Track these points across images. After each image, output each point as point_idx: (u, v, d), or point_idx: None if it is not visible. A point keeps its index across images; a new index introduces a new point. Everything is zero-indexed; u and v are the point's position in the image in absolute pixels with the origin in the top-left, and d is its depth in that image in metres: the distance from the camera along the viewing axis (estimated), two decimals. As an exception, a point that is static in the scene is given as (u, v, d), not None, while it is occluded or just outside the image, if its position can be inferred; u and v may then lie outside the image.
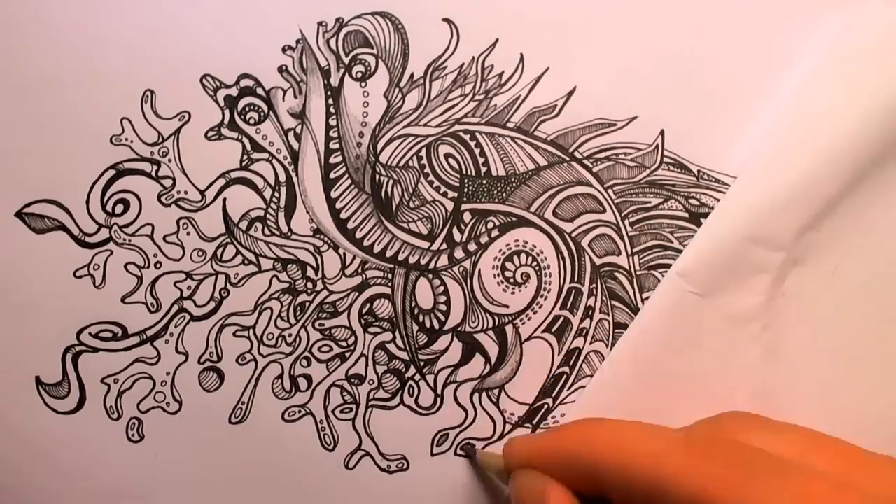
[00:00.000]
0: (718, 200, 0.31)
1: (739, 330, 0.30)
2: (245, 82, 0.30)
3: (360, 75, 0.30)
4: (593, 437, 0.24)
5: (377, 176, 0.30)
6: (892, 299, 0.30)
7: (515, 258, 0.31)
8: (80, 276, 0.29)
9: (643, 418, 0.25)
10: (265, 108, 0.30)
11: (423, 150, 0.30)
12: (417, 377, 0.31)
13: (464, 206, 0.31)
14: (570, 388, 0.31)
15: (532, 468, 0.26)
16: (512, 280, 0.31)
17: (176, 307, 0.30)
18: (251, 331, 0.30)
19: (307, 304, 0.30)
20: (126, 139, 0.29)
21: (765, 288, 0.30)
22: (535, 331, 0.31)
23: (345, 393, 0.31)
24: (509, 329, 0.31)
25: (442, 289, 0.31)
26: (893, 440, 0.29)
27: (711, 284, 0.30)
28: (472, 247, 0.31)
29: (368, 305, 0.31)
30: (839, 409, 0.30)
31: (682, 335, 0.30)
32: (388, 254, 0.31)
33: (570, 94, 0.31)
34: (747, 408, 0.27)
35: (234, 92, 0.30)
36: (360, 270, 0.30)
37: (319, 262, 0.30)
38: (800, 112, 0.30)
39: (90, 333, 0.29)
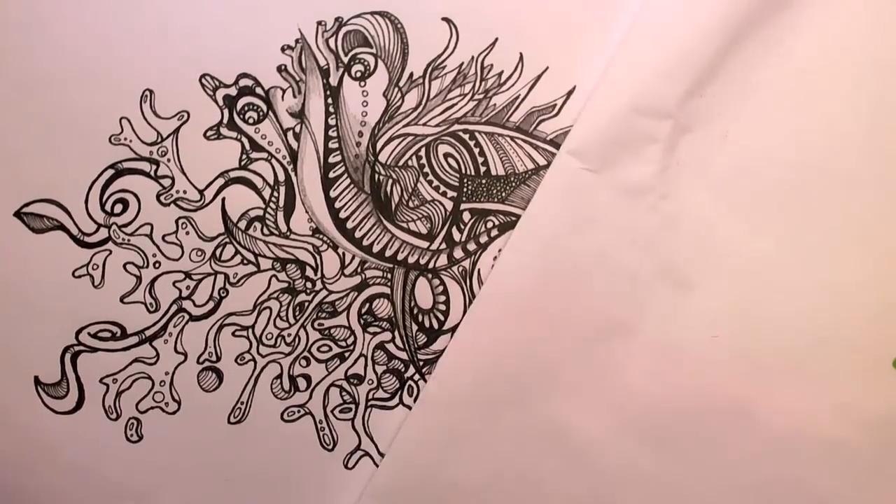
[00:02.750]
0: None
1: (637, 201, 0.30)
2: (244, 82, 0.30)
3: (359, 75, 0.30)
4: None
5: (376, 175, 0.30)
6: (785, 158, 0.30)
7: (515, 258, 0.31)
8: (79, 276, 0.29)
9: (552, 300, 0.25)
10: (264, 107, 0.30)
11: (423, 150, 0.30)
12: (417, 377, 0.31)
13: (463, 206, 0.31)
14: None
15: None
16: (511, 280, 0.31)
17: (175, 307, 0.30)
18: (250, 330, 0.30)
19: (306, 304, 0.30)
20: (125, 139, 0.29)
21: (657, 157, 0.30)
22: (535, 330, 0.31)
23: (344, 393, 0.31)
24: (509, 329, 0.31)
25: (441, 288, 0.31)
26: (794, 293, 0.30)
27: (603, 159, 0.30)
28: (471, 246, 0.31)
29: (368, 305, 0.31)
30: (744, 273, 0.30)
31: (580, 213, 0.30)
32: (388, 253, 0.31)
33: (570, 93, 0.31)
34: (656, 280, 0.27)
35: (233, 91, 0.30)
36: (359, 270, 0.30)
37: (318, 261, 0.30)
38: None
39: (89, 333, 0.29)
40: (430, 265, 0.31)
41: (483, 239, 0.31)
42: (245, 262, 0.30)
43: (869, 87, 0.30)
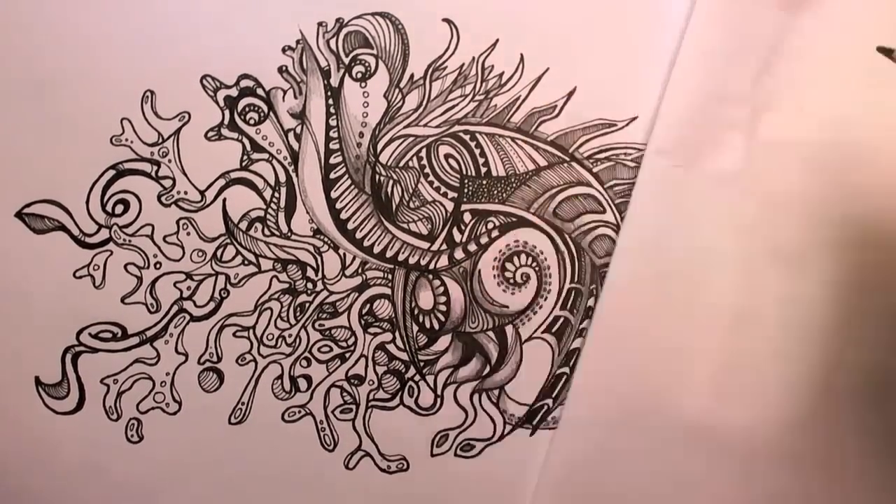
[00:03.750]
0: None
1: (730, 189, 0.30)
2: (245, 83, 0.30)
3: (360, 76, 0.30)
4: None
5: (377, 176, 0.30)
6: (861, 121, 0.30)
7: (515, 259, 0.31)
8: (80, 277, 0.29)
9: (671, 302, 0.25)
10: (265, 108, 0.30)
11: (423, 151, 0.30)
12: (417, 378, 0.31)
13: (464, 207, 0.31)
14: (570, 388, 0.31)
15: None
16: (512, 280, 0.31)
17: (176, 307, 0.30)
18: (251, 331, 0.30)
19: (307, 305, 0.30)
20: (126, 139, 0.29)
21: (740, 142, 0.30)
22: (536, 331, 0.31)
23: (345, 393, 0.31)
24: (509, 329, 0.31)
25: (442, 289, 0.31)
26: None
27: (689, 153, 0.30)
28: (472, 247, 0.31)
29: (368, 306, 0.31)
30: (847, 245, 0.30)
31: (679, 211, 0.30)
32: (388, 254, 0.31)
33: (571, 94, 0.31)
34: (767, 262, 0.28)
35: (234, 92, 0.30)
36: (360, 271, 0.30)
37: (319, 262, 0.30)
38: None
39: (90, 334, 0.29)
40: (431, 266, 0.31)
41: (484, 240, 0.31)
42: (246, 262, 0.30)
43: None
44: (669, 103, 0.30)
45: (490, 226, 0.31)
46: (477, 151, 0.31)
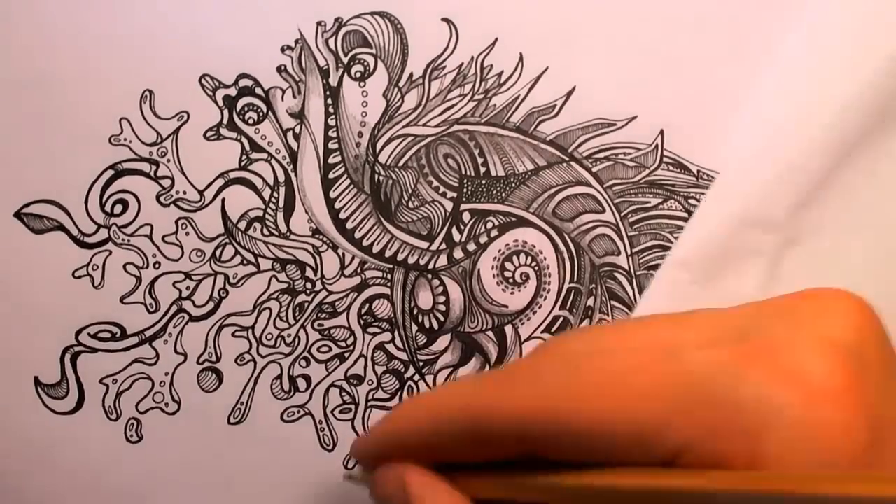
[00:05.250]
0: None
1: None
2: (244, 82, 0.30)
3: (358, 75, 0.30)
4: (416, 403, 0.23)
5: (376, 176, 0.30)
6: (891, 274, 0.30)
7: (515, 258, 0.31)
8: (79, 277, 0.29)
9: None
10: (264, 108, 0.30)
11: (423, 150, 0.30)
12: (417, 377, 0.31)
13: (463, 206, 0.31)
14: None
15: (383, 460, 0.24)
16: (511, 280, 0.31)
17: (175, 307, 0.30)
18: (250, 331, 0.30)
19: (306, 305, 0.30)
20: (125, 139, 0.29)
21: (761, 271, 0.29)
22: (535, 331, 0.31)
23: (344, 393, 0.31)
24: (509, 329, 0.31)
25: (441, 289, 0.31)
26: None
27: (708, 271, 0.29)
28: (471, 247, 0.31)
29: (367, 306, 0.31)
30: None
31: None
32: (388, 254, 0.31)
33: (570, 93, 0.31)
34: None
35: (232, 92, 0.30)
36: (359, 271, 0.30)
37: (318, 262, 0.30)
38: (786, 94, 0.30)
39: (89, 334, 0.29)
40: (430, 266, 0.31)
41: (483, 239, 0.31)
42: (245, 262, 0.30)
43: None
44: (702, 217, 0.30)
45: (489, 225, 0.31)
46: (476, 151, 0.31)
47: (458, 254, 0.31)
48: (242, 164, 0.30)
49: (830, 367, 0.17)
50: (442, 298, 0.31)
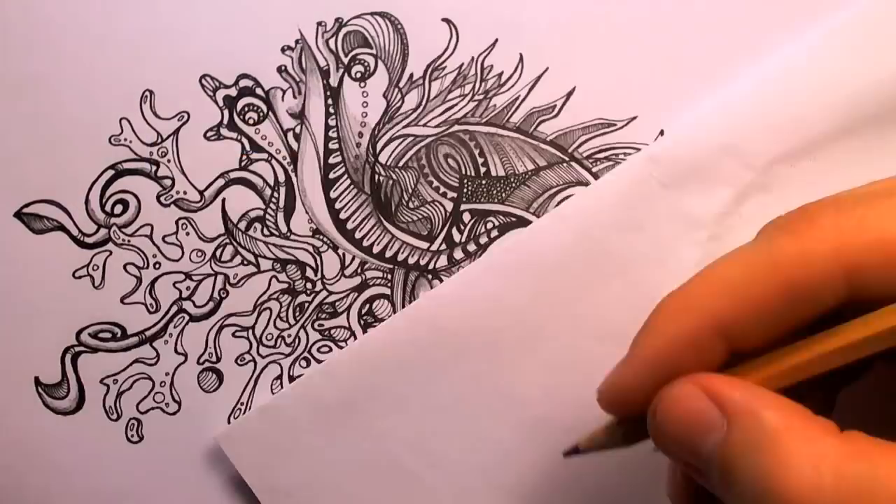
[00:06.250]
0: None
1: (687, 231, 0.30)
2: (244, 82, 0.30)
3: (359, 75, 0.30)
4: (685, 299, 0.20)
5: (376, 176, 0.30)
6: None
7: (515, 258, 0.31)
8: (80, 277, 0.29)
9: (564, 285, 0.25)
10: (264, 108, 0.30)
11: (423, 151, 0.30)
12: (417, 377, 0.31)
13: (463, 207, 0.31)
14: None
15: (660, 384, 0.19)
16: (511, 280, 0.31)
17: (175, 307, 0.30)
18: (250, 331, 0.30)
19: (306, 305, 0.30)
20: (125, 139, 0.29)
21: (725, 201, 0.30)
22: (535, 331, 0.31)
23: (344, 393, 0.31)
24: (509, 329, 0.31)
25: (441, 289, 0.31)
26: None
27: (676, 178, 0.30)
28: (471, 247, 0.31)
29: (368, 306, 0.31)
30: None
31: (632, 214, 0.30)
32: (388, 254, 0.31)
33: (570, 94, 0.31)
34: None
35: (233, 92, 0.30)
36: (359, 271, 0.30)
37: (319, 262, 0.30)
38: (810, 61, 0.30)
39: (89, 334, 0.29)
40: (431, 266, 0.31)
41: (483, 240, 0.31)
42: (245, 262, 0.30)
43: None
44: (688, 129, 0.30)
45: (489, 226, 0.31)
46: (476, 151, 0.31)
47: (458, 254, 0.31)
48: (243, 164, 0.30)
49: None
50: (442, 299, 0.31)
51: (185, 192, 0.30)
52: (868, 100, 0.29)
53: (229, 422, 0.30)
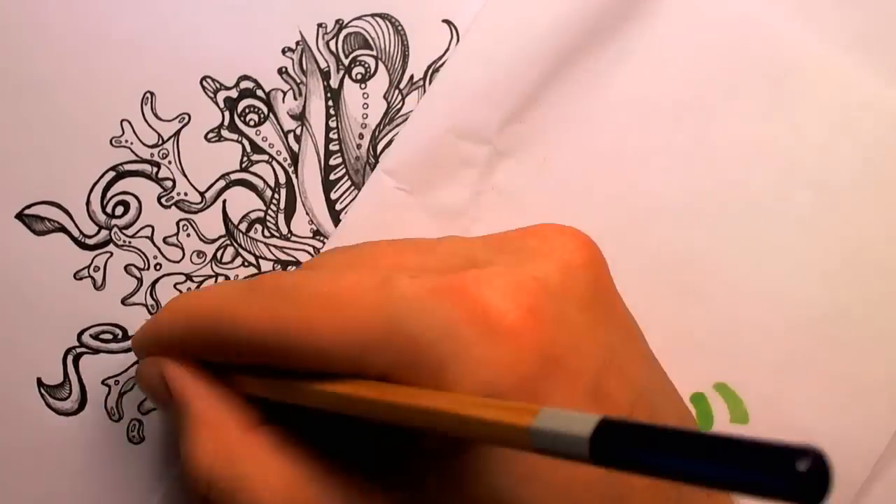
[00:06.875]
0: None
1: (447, 224, 0.30)
2: (245, 84, 0.30)
3: (359, 77, 0.30)
4: (178, 302, 0.24)
5: (377, 178, 0.30)
6: (602, 189, 0.30)
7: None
8: (81, 278, 0.29)
9: None
10: (265, 109, 0.30)
11: (423, 152, 0.30)
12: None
13: (463, 208, 0.31)
14: None
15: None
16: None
17: (176, 309, 0.30)
18: (251, 332, 0.30)
19: (307, 306, 0.30)
20: (126, 141, 0.29)
21: (472, 181, 0.30)
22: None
23: (345, 394, 0.31)
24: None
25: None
26: None
27: (418, 180, 0.29)
28: (471, 248, 0.31)
29: (368, 307, 0.31)
30: None
31: (392, 231, 0.29)
32: (388, 255, 0.31)
33: (570, 95, 0.31)
34: None
35: (233, 94, 0.30)
36: (359, 272, 0.31)
37: (319, 263, 0.30)
38: (496, 6, 0.30)
39: (91, 335, 0.29)
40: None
41: (483, 241, 0.31)
42: (246, 264, 0.30)
43: (688, 124, 0.30)
44: (412, 126, 0.30)
45: (489, 227, 0.31)
46: (476, 153, 0.31)
47: (458, 255, 0.31)
48: (243, 165, 0.30)
49: (514, 305, 0.18)
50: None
51: (185, 194, 0.30)
52: (556, 35, 0.29)
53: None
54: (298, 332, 0.19)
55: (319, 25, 0.30)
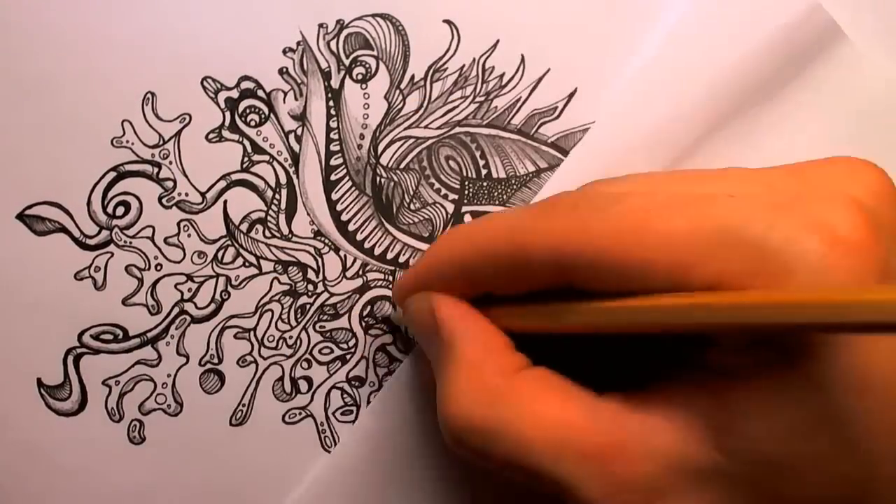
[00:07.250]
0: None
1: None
2: (246, 84, 0.30)
3: (360, 77, 0.30)
4: (456, 234, 0.24)
5: (378, 178, 0.30)
6: None
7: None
8: (81, 279, 0.29)
9: None
10: (266, 110, 0.30)
11: (424, 153, 0.30)
12: (418, 379, 0.31)
13: (464, 209, 0.31)
14: None
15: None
16: (512, 282, 0.31)
17: (177, 309, 0.30)
18: (252, 333, 0.30)
19: (308, 307, 0.30)
20: (127, 141, 0.29)
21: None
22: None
23: (345, 395, 0.31)
24: (510, 331, 0.31)
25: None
26: None
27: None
28: (472, 249, 0.31)
29: (369, 308, 0.31)
30: None
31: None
32: (389, 256, 0.31)
33: (571, 95, 0.31)
34: None
35: (234, 94, 0.30)
36: (360, 272, 0.31)
37: (320, 264, 0.30)
38: (658, 62, 0.30)
39: (91, 335, 0.29)
40: (432, 268, 0.31)
41: (484, 241, 0.31)
42: (247, 264, 0.30)
43: None
44: (561, 177, 0.30)
45: (491, 227, 0.31)
46: (477, 153, 0.31)
47: (459, 256, 0.31)
48: (244, 166, 0.30)
49: (854, 221, 0.18)
50: (443, 300, 0.31)
51: (186, 194, 0.30)
52: (721, 94, 0.29)
53: (230, 423, 0.30)
54: (615, 245, 0.19)
55: (320, 25, 0.30)
